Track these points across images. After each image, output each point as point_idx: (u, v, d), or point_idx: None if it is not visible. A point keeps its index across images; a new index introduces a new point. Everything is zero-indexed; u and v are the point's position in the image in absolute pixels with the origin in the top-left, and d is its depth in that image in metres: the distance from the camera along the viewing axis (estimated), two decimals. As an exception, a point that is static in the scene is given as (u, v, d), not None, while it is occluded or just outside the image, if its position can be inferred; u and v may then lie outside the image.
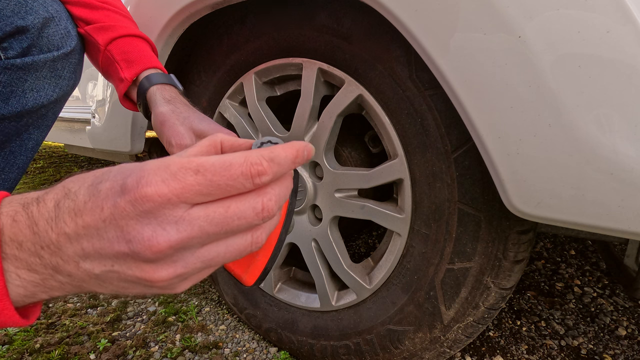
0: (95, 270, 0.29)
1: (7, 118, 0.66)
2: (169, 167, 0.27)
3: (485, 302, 0.69)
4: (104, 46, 0.71)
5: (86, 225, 0.28)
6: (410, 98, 0.65)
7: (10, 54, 0.63)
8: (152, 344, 1.01)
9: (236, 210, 0.28)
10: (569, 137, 0.45)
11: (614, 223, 0.46)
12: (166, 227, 0.27)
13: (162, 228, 0.27)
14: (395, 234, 0.74)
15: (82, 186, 0.29)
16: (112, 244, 0.27)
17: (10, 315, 0.29)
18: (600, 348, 1.00)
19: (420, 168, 0.67)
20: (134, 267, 0.28)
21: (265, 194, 0.30)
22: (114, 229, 0.27)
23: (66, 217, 0.28)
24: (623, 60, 0.41)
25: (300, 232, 0.85)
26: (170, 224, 0.27)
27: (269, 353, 0.98)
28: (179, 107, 0.67)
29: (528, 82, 0.46)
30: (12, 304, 0.29)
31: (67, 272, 0.29)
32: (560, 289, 1.24)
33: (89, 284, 0.30)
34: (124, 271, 0.29)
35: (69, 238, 0.28)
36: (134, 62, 0.70)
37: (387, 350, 0.79)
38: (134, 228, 0.27)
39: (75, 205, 0.28)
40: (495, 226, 0.63)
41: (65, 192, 0.29)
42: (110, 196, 0.27)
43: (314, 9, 0.71)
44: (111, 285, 0.30)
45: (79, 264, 0.29)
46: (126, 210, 0.26)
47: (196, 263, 0.29)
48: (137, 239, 0.27)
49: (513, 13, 0.45)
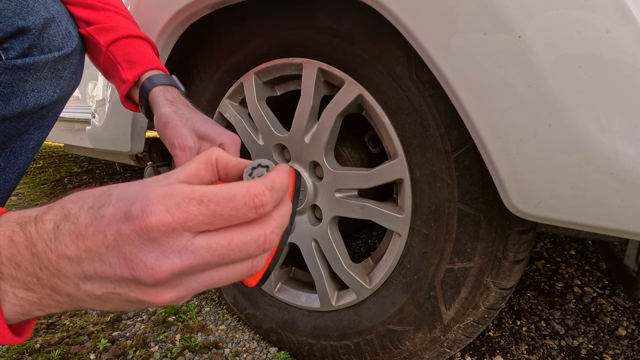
0: (96, 292, 0.29)
1: (7, 118, 0.66)
2: (173, 196, 0.27)
3: (485, 302, 0.69)
4: (105, 47, 0.71)
5: (88, 249, 0.28)
6: (410, 98, 0.65)
7: (11, 54, 0.63)
8: (152, 344, 1.01)
9: (238, 243, 0.29)
10: (569, 137, 0.45)
11: (614, 223, 0.46)
12: (169, 256, 0.27)
13: (165, 256, 0.27)
14: (395, 234, 0.74)
15: (82, 208, 0.29)
16: (114, 269, 0.28)
17: (3, 334, 0.28)
18: (600, 348, 1.00)
19: (420, 168, 0.67)
20: (137, 290, 0.29)
21: (267, 225, 0.30)
22: (116, 255, 0.27)
23: (67, 240, 0.28)
24: (623, 60, 0.41)
25: (300, 232, 0.85)
26: (173, 252, 0.27)
27: (269, 353, 0.98)
28: (182, 109, 0.67)
29: (528, 82, 0.46)
30: (5, 322, 0.28)
31: (66, 293, 0.29)
32: (560, 289, 1.24)
33: (89, 303, 0.30)
34: (126, 294, 0.29)
35: (70, 260, 0.28)
36: (136, 63, 0.70)
37: (387, 350, 0.79)
38: (137, 256, 0.27)
39: (76, 228, 0.28)
40: (495, 226, 0.63)
41: (64, 214, 0.29)
42: (114, 223, 0.27)
43: (314, 9, 0.71)
44: (112, 305, 0.30)
45: (78, 286, 0.29)
46: (130, 238, 0.27)
47: (197, 287, 0.30)
48: (140, 267, 0.27)
49: (513, 13, 0.45)
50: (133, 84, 0.70)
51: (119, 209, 0.27)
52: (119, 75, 0.71)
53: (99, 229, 0.27)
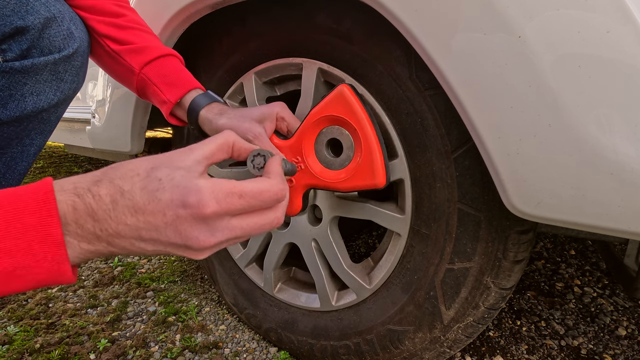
0: (148, 248, 0.39)
1: (5, 123, 0.65)
2: (220, 191, 0.38)
3: (485, 302, 0.69)
4: (139, 70, 0.72)
5: (147, 221, 0.37)
6: (410, 98, 0.65)
7: (9, 56, 0.61)
8: (152, 344, 1.01)
9: (261, 224, 0.42)
10: (569, 137, 0.45)
11: (614, 223, 0.46)
12: (215, 233, 0.39)
13: (211, 233, 0.38)
14: (395, 234, 0.74)
15: (134, 187, 0.37)
16: (169, 239, 0.38)
17: (68, 275, 0.37)
18: (600, 348, 1.00)
19: (420, 168, 0.67)
20: (184, 251, 0.40)
21: (279, 210, 0.44)
22: (173, 230, 0.38)
23: (126, 212, 0.37)
24: (623, 60, 0.41)
25: (300, 232, 0.85)
26: (218, 230, 0.39)
27: (269, 353, 0.98)
28: (231, 113, 0.71)
29: (528, 82, 0.46)
30: (70, 267, 0.36)
31: (121, 247, 0.39)
32: (560, 289, 1.24)
33: (136, 252, 0.40)
34: (174, 251, 0.40)
35: (129, 227, 0.37)
36: (174, 85, 0.73)
37: (387, 350, 0.79)
38: (191, 232, 0.38)
39: (133, 204, 0.37)
40: (495, 226, 0.63)
41: (119, 191, 0.37)
42: (172, 207, 0.37)
43: (314, 9, 0.71)
44: (155, 254, 0.43)
45: (133, 244, 0.39)
46: (187, 220, 0.37)
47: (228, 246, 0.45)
48: (192, 240, 0.38)
49: (513, 13, 0.45)
50: (175, 104, 0.73)
51: (175, 197, 0.37)
52: (157, 96, 0.73)
53: (158, 209, 0.37)
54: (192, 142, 1.06)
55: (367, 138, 0.64)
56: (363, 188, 0.66)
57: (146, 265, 1.43)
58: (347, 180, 0.66)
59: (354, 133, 0.65)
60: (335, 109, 0.66)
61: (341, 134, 0.67)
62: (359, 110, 0.64)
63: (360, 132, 0.64)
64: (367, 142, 0.64)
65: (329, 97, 0.67)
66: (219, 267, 1.05)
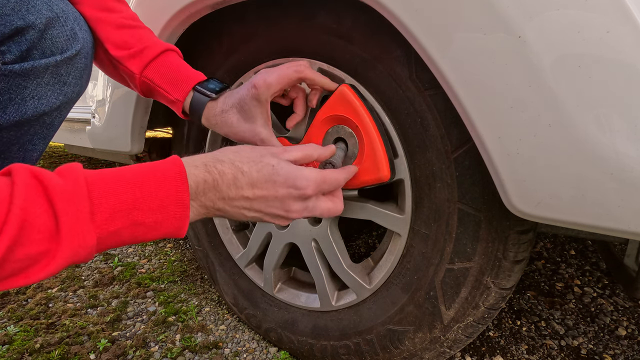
0: (248, 214, 0.53)
1: (5, 128, 0.62)
2: (317, 178, 0.54)
3: (485, 302, 0.69)
4: (139, 74, 0.71)
5: (261, 195, 0.52)
6: (410, 98, 0.65)
7: (8, 58, 0.57)
8: (152, 344, 1.01)
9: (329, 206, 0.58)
10: (569, 137, 0.45)
11: (614, 223, 0.46)
12: (306, 208, 0.55)
13: (303, 208, 0.55)
14: (395, 234, 0.74)
15: (251, 169, 0.51)
16: (273, 210, 0.53)
17: (183, 232, 0.47)
18: (600, 348, 1.00)
19: (420, 168, 0.67)
20: (278, 220, 0.55)
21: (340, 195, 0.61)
22: (279, 203, 0.53)
23: (244, 187, 0.51)
24: (623, 60, 0.41)
25: (300, 232, 0.85)
26: (308, 206, 0.55)
27: (269, 353, 0.98)
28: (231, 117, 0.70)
29: (528, 82, 0.46)
30: (187, 224, 0.47)
31: (228, 214, 0.52)
32: (560, 289, 1.24)
33: (237, 216, 0.53)
34: (270, 220, 0.55)
35: (245, 199, 0.51)
36: (178, 82, 0.72)
37: (387, 350, 0.79)
38: (293, 206, 0.54)
39: (251, 181, 0.51)
40: (495, 226, 0.63)
41: (239, 170, 0.51)
42: (284, 187, 0.52)
43: (314, 9, 0.71)
44: (252, 218, 0.55)
45: (242, 212, 0.52)
46: (293, 197, 0.53)
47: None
48: (291, 212, 0.54)
49: (513, 13, 0.45)
50: (184, 101, 0.72)
51: (289, 180, 0.52)
52: (165, 97, 0.73)
53: (274, 187, 0.52)
54: (192, 142, 1.06)
55: (368, 133, 0.66)
56: (369, 183, 0.67)
57: (146, 265, 1.43)
58: (353, 177, 0.68)
59: (357, 130, 0.67)
60: (337, 108, 0.68)
61: (346, 133, 0.69)
62: (360, 107, 0.67)
63: (362, 128, 0.66)
64: (369, 138, 0.66)
65: (331, 98, 0.69)
66: (219, 268, 1.05)
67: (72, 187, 0.40)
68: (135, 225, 0.43)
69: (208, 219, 1.02)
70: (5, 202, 0.36)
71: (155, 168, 0.46)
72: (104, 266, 1.41)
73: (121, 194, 0.42)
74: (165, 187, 0.45)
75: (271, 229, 0.90)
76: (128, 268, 1.39)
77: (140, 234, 0.44)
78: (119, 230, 0.42)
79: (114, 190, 0.42)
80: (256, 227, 0.93)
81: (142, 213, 0.43)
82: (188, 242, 1.57)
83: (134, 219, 0.43)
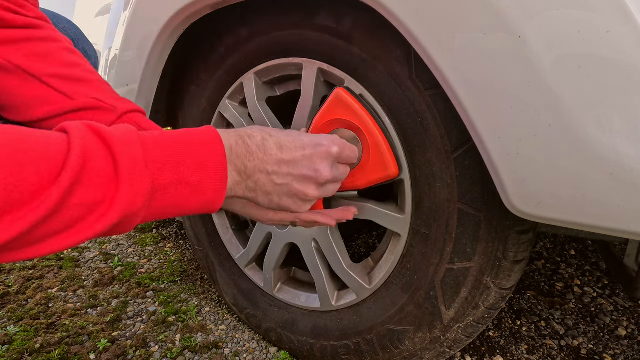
0: (277, 180, 0.53)
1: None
2: (340, 140, 0.59)
3: (485, 302, 0.69)
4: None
5: (289, 156, 0.53)
6: (410, 98, 0.65)
7: None
8: (152, 344, 1.01)
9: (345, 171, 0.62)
10: (569, 137, 0.45)
11: (614, 223, 0.46)
12: (332, 169, 0.57)
13: (330, 168, 0.56)
14: (395, 234, 0.74)
15: (279, 134, 0.54)
16: (301, 170, 0.54)
17: (221, 198, 0.49)
18: (600, 348, 1.00)
19: (420, 168, 0.67)
20: (306, 185, 0.55)
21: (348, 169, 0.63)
22: (308, 162, 0.54)
23: (273, 147, 0.53)
24: (623, 60, 0.41)
25: (300, 232, 0.85)
26: (334, 167, 0.57)
27: (269, 353, 0.98)
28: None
29: (528, 82, 0.46)
30: (226, 191, 0.49)
31: (255, 179, 0.52)
32: (560, 289, 1.24)
33: (259, 194, 0.54)
34: (295, 186, 0.54)
35: (273, 157, 0.52)
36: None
37: (387, 350, 0.79)
38: (320, 164, 0.55)
39: (279, 142, 0.53)
40: (495, 226, 0.63)
41: (269, 134, 0.53)
42: (311, 145, 0.55)
43: (314, 8, 0.71)
44: (274, 198, 0.55)
45: (269, 176, 0.53)
46: (319, 155, 0.55)
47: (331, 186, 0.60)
48: (321, 170, 0.55)
49: (513, 13, 0.45)
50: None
51: (314, 140, 0.56)
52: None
53: (300, 146, 0.54)
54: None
55: (371, 133, 0.67)
56: (379, 181, 0.68)
57: (146, 265, 1.43)
58: (362, 178, 0.68)
59: (359, 131, 0.68)
60: (335, 112, 0.69)
61: (348, 135, 0.69)
62: (359, 108, 0.67)
63: (364, 128, 0.67)
64: (373, 137, 0.66)
65: (326, 103, 0.70)
66: (219, 268, 1.05)
67: (126, 136, 0.41)
68: (181, 184, 0.44)
69: (208, 218, 1.03)
70: (65, 144, 0.37)
71: (193, 131, 0.48)
72: (104, 266, 1.41)
73: (168, 147, 0.44)
74: (204, 147, 0.47)
75: (271, 229, 0.90)
76: (128, 268, 1.39)
77: (183, 197, 0.45)
78: (167, 186, 0.43)
79: (162, 143, 0.44)
80: (256, 227, 0.93)
81: (186, 169, 0.45)
82: (188, 242, 1.57)
83: (180, 175, 0.44)
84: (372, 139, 0.67)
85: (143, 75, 0.90)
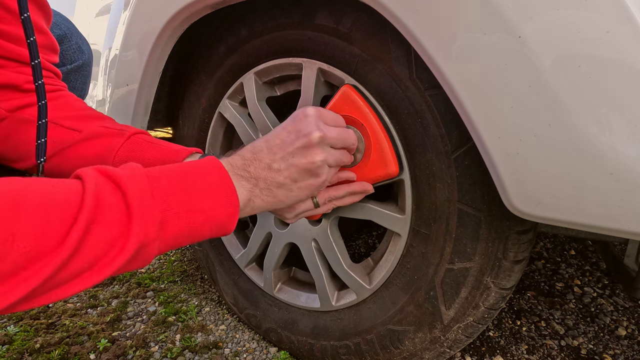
0: (278, 166, 0.55)
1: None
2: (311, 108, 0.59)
3: (485, 302, 0.69)
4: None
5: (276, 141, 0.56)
6: (410, 98, 0.65)
7: None
8: (152, 344, 1.01)
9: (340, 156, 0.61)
10: (569, 137, 0.45)
11: (614, 223, 0.46)
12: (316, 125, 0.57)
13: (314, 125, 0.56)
14: (395, 234, 0.74)
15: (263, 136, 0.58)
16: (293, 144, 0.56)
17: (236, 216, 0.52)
18: (600, 348, 1.00)
19: (420, 168, 0.67)
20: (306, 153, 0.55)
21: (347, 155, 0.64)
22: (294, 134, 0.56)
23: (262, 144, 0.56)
24: (623, 60, 0.41)
25: (300, 232, 0.85)
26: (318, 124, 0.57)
27: (269, 353, 0.98)
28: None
29: (528, 82, 0.46)
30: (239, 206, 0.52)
31: (263, 177, 0.54)
32: (560, 289, 1.24)
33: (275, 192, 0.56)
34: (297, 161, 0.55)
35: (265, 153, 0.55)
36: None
37: (387, 350, 0.79)
38: (305, 128, 0.56)
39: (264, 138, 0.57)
40: (495, 226, 0.63)
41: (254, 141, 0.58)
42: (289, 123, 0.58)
43: (314, 8, 0.71)
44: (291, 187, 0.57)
45: (271, 167, 0.55)
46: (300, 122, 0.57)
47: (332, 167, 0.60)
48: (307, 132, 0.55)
49: (513, 13, 0.45)
50: None
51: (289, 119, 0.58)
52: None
53: (282, 128, 0.57)
54: (192, 143, 1.05)
55: (374, 131, 0.67)
56: (379, 180, 0.69)
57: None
58: (363, 175, 0.69)
59: (362, 129, 0.68)
60: (342, 108, 0.69)
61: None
62: (364, 106, 0.68)
63: (368, 126, 0.67)
64: (375, 135, 0.67)
65: (334, 99, 0.70)
66: (219, 268, 1.05)
67: (132, 172, 0.45)
68: (192, 212, 0.47)
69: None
70: (80, 189, 0.41)
71: (194, 162, 0.51)
72: (104, 266, 1.41)
73: (172, 177, 0.47)
74: (208, 175, 0.50)
75: (271, 229, 0.90)
76: (128, 268, 1.38)
77: (197, 224, 0.47)
78: (178, 214, 0.45)
79: (166, 174, 0.47)
80: (256, 227, 0.93)
81: (195, 198, 0.47)
82: (188, 242, 1.56)
83: (190, 203, 0.47)
84: (374, 136, 0.67)
85: (143, 75, 0.90)
